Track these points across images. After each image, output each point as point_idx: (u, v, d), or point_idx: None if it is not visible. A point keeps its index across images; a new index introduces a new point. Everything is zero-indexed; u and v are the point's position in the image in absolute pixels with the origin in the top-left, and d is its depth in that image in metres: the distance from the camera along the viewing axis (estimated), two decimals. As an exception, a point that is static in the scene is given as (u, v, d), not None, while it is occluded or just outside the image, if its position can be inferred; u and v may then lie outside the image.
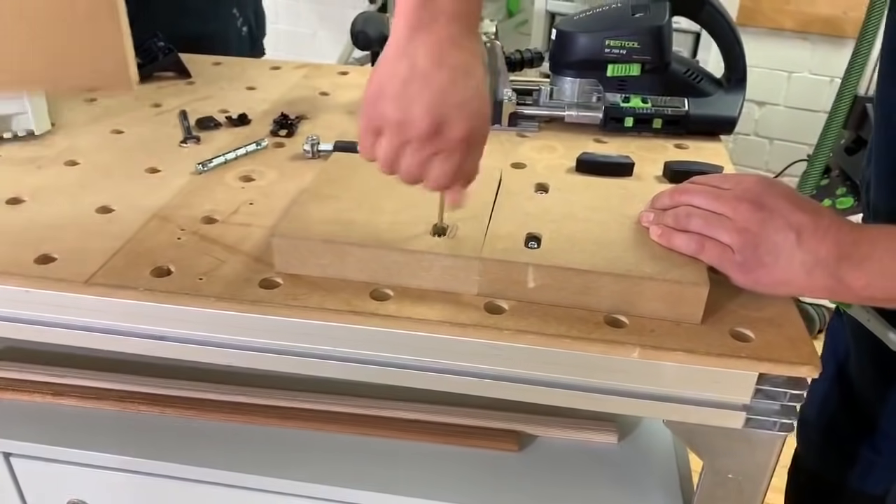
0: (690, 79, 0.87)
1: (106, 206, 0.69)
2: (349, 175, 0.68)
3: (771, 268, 0.54)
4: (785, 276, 0.54)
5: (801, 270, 0.53)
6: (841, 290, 0.53)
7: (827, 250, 0.53)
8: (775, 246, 0.54)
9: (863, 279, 0.52)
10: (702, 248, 0.56)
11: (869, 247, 0.52)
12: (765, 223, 0.54)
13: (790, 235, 0.54)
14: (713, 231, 0.56)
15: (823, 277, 0.53)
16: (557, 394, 0.56)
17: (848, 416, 0.88)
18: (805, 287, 0.54)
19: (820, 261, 0.53)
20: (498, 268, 0.56)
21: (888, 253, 0.51)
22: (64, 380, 0.74)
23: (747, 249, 0.55)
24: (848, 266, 0.52)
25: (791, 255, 0.53)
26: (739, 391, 0.54)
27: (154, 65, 0.99)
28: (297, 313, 0.56)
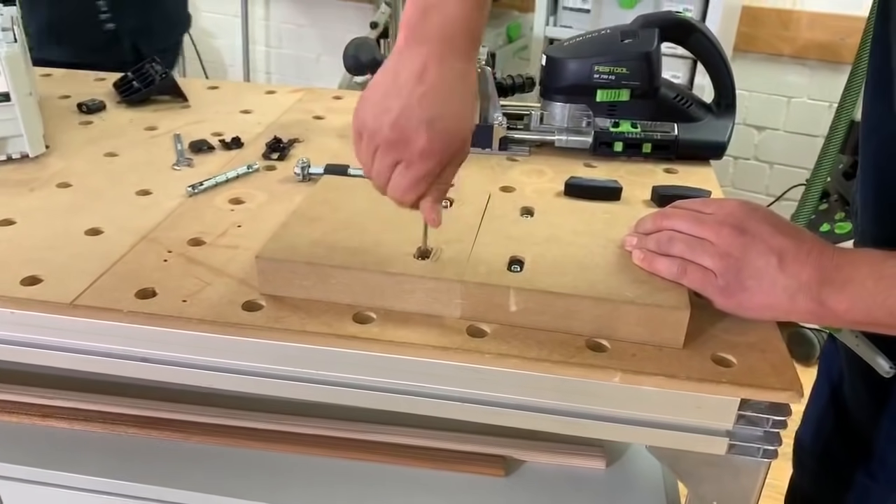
0: (680, 104, 0.87)
1: (95, 228, 0.70)
2: (338, 198, 0.69)
3: (753, 292, 0.54)
4: (767, 301, 0.54)
5: (783, 294, 0.53)
6: (824, 314, 0.53)
7: (809, 274, 0.53)
8: (757, 270, 0.54)
9: (845, 303, 0.52)
10: (684, 273, 0.57)
11: (851, 270, 0.52)
12: (747, 247, 0.54)
13: (772, 259, 0.54)
14: (695, 255, 0.56)
15: (806, 301, 0.53)
16: (539, 418, 0.56)
17: (843, 441, 0.87)
18: (788, 311, 0.54)
19: (802, 285, 0.53)
20: (480, 291, 0.56)
21: (870, 277, 0.51)
22: (51, 401, 0.74)
23: (729, 274, 0.55)
24: (830, 290, 0.52)
25: (773, 279, 0.53)
26: (721, 417, 0.53)
27: (150, 88, 1.01)
28: (278, 336, 0.56)
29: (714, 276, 0.55)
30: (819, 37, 2.29)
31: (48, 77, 1.11)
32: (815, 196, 0.88)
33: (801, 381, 0.52)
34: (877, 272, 0.51)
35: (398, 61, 0.54)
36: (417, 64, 0.53)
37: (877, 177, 0.72)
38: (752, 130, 2.49)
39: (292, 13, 3.03)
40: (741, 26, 2.31)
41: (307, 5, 2.98)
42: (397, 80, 0.53)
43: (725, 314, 0.57)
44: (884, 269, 0.51)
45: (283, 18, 3.06)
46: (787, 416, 0.53)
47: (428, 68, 0.53)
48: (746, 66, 2.38)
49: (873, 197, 0.74)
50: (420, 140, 0.53)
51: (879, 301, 0.51)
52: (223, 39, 3.16)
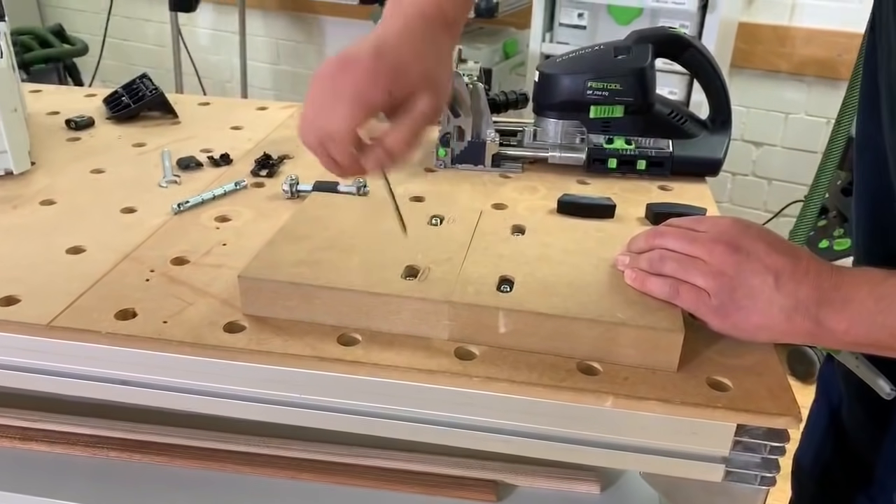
0: (674, 120, 0.86)
1: (77, 246, 0.68)
2: (325, 215, 0.67)
3: (748, 311, 0.53)
4: (763, 321, 0.52)
5: (780, 314, 0.52)
6: (822, 335, 0.51)
7: (806, 293, 0.51)
8: (752, 289, 0.52)
9: (844, 323, 0.50)
10: (676, 293, 0.55)
11: (850, 290, 0.51)
12: (741, 266, 0.53)
13: (768, 279, 0.52)
14: (688, 275, 0.55)
15: (804, 321, 0.51)
16: (529, 444, 0.54)
17: (842, 464, 0.85)
18: (785, 332, 0.52)
19: (800, 304, 0.51)
20: (468, 312, 0.55)
21: (871, 297, 0.50)
22: (32, 424, 0.72)
23: (724, 293, 0.53)
24: (829, 310, 0.50)
25: (769, 298, 0.52)
26: (717, 443, 0.52)
27: (140, 104, 1.00)
28: (259, 359, 0.54)
29: (708, 296, 0.54)
30: (816, 53, 2.29)
31: (37, 93, 1.11)
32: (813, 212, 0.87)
33: (799, 405, 0.51)
34: (877, 292, 0.50)
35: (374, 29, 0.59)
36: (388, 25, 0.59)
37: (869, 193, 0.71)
38: (751, 146, 2.49)
39: (290, 30, 3.04)
40: (738, 42, 2.31)
41: (305, 22, 2.99)
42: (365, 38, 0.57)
43: (721, 336, 0.56)
44: (884, 288, 0.50)
45: (280, 35, 3.07)
46: (786, 443, 0.51)
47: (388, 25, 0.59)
48: (744, 83, 2.38)
49: (866, 213, 0.73)
50: (364, 60, 0.56)
51: (880, 322, 0.49)
52: (221, 56, 3.17)
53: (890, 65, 0.61)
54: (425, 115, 0.59)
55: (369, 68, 0.56)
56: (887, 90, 0.63)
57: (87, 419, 0.72)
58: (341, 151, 0.57)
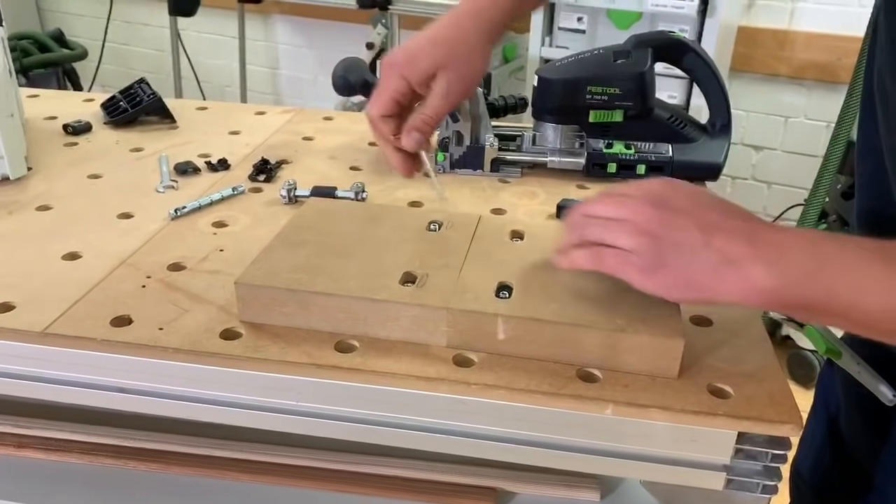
0: (674, 125, 0.86)
1: (73, 252, 0.68)
2: (323, 221, 0.67)
3: (675, 269, 0.49)
4: (691, 278, 0.49)
5: (708, 271, 0.48)
6: (752, 294, 0.47)
7: (738, 250, 0.48)
8: (679, 245, 0.49)
9: (777, 280, 0.47)
10: (600, 259, 0.52)
11: (786, 248, 0.47)
12: (667, 222, 0.50)
13: (696, 234, 0.49)
14: (611, 237, 0.51)
15: (733, 278, 0.48)
16: (528, 452, 0.54)
17: (841, 472, 0.84)
18: (714, 290, 0.49)
19: (730, 261, 0.48)
20: (466, 319, 0.54)
21: (806, 254, 0.47)
22: (27, 431, 0.72)
23: (649, 251, 0.50)
24: (761, 266, 0.47)
25: (697, 254, 0.48)
26: (718, 450, 0.51)
27: (137, 109, 0.99)
28: (255, 366, 0.54)
29: (632, 256, 0.50)
30: (816, 57, 2.29)
31: (35, 98, 1.10)
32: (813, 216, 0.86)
33: (800, 412, 0.50)
34: (814, 251, 0.47)
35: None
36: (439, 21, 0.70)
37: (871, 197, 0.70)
38: (750, 150, 2.49)
39: (289, 34, 3.04)
40: (737, 47, 2.31)
41: (304, 26, 2.99)
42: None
43: (722, 342, 0.55)
44: (823, 247, 0.47)
45: (280, 39, 3.07)
46: (787, 450, 0.51)
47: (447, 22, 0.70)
48: (743, 87, 2.37)
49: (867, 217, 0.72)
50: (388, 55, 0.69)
51: (815, 279, 0.46)
52: (220, 60, 3.17)
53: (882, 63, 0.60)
54: (439, 94, 0.69)
55: (388, 61, 0.67)
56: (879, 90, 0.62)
57: (82, 426, 0.71)
58: (375, 133, 0.70)
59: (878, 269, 0.46)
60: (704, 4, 1.93)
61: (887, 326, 0.47)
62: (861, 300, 0.46)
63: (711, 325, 0.59)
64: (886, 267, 0.46)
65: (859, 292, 0.46)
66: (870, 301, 0.46)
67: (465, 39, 0.70)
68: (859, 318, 0.47)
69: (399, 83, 0.67)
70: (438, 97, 0.69)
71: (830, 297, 0.46)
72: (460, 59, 0.69)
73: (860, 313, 0.46)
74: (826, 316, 0.48)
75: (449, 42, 0.69)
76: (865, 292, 0.46)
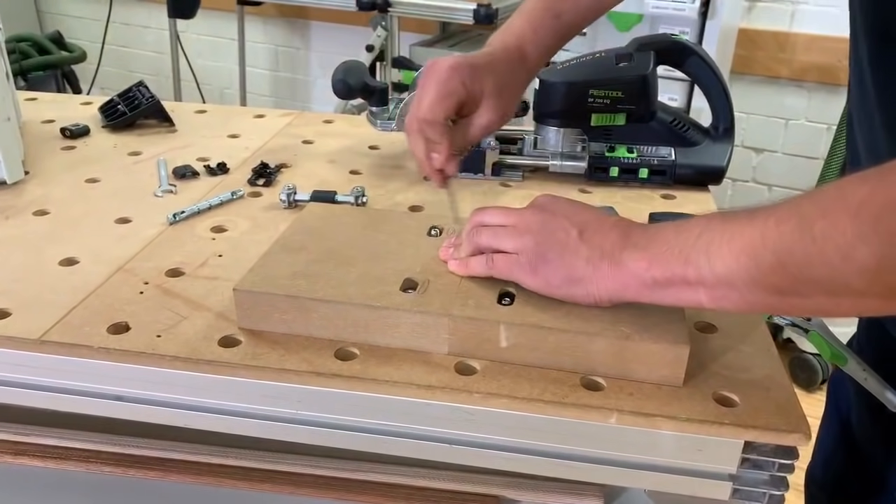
0: (677, 128, 0.85)
1: (70, 258, 0.67)
2: (323, 226, 0.66)
3: (556, 265, 0.53)
4: (571, 272, 0.53)
5: (586, 265, 0.52)
6: (626, 278, 0.50)
7: (612, 242, 0.51)
8: (558, 242, 0.53)
9: (644, 260, 0.49)
10: (492, 264, 0.56)
11: (655, 233, 0.50)
12: (546, 223, 0.55)
13: (572, 232, 0.53)
14: (500, 243, 0.56)
15: (608, 268, 0.51)
16: (531, 461, 0.53)
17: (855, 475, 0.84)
18: (593, 281, 0.52)
19: (605, 253, 0.51)
20: (468, 326, 0.54)
21: (671, 230, 0.49)
22: (25, 438, 0.71)
23: (531, 250, 0.54)
24: (632, 251, 0.50)
25: (576, 250, 0.52)
26: (725, 460, 0.50)
27: (136, 112, 0.98)
28: (255, 374, 0.53)
29: (518, 258, 0.55)
30: (816, 59, 2.28)
31: (33, 101, 1.10)
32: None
33: (807, 421, 0.49)
34: (678, 227, 0.49)
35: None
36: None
37: None
38: (751, 152, 2.48)
39: (289, 36, 3.03)
40: (738, 49, 2.30)
41: (304, 28, 2.99)
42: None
43: (727, 349, 0.54)
44: (685, 224, 0.49)
45: (279, 42, 3.06)
46: (795, 460, 0.50)
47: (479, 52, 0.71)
48: (744, 89, 2.37)
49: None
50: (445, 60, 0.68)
51: (676, 252, 0.47)
52: (220, 63, 3.16)
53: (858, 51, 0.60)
54: (483, 128, 0.70)
55: (450, 64, 0.67)
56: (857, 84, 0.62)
57: (80, 433, 0.70)
58: (436, 132, 0.66)
59: (729, 226, 0.46)
60: (705, 6, 1.92)
61: (741, 288, 0.46)
62: (712, 261, 0.46)
63: (716, 332, 0.58)
64: (734, 223, 0.46)
65: (709, 252, 0.46)
66: (718, 259, 0.46)
67: (515, 84, 0.72)
68: (714, 281, 0.46)
69: (461, 90, 0.67)
70: (480, 128, 0.71)
71: (687, 263, 0.47)
72: (506, 102, 0.71)
73: (713, 275, 0.46)
74: (690, 288, 0.48)
75: (504, 77, 0.70)
76: (713, 250, 0.46)
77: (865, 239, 0.39)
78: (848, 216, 0.39)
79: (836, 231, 0.40)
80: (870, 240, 0.39)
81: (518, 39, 0.73)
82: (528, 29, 0.73)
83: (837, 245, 0.40)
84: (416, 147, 0.68)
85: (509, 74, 0.72)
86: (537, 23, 0.74)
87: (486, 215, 0.59)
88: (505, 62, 0.71)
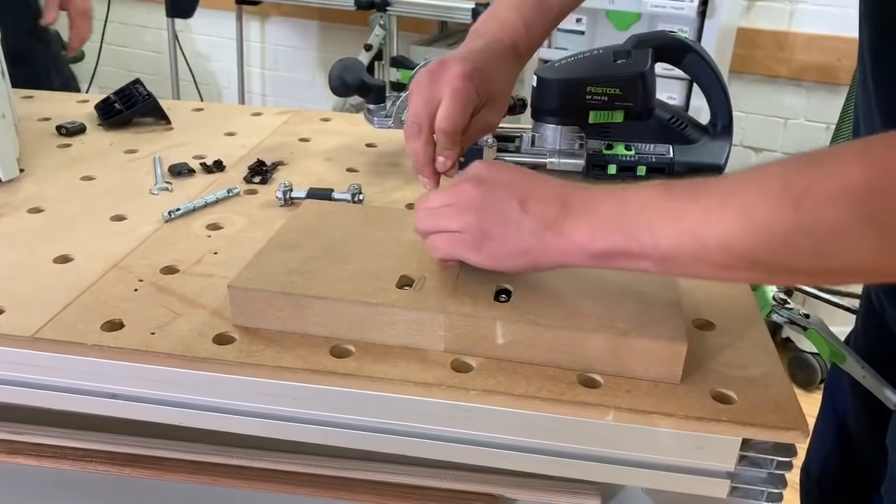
0: (675, 125, 0.85)
1: (65, 255, 0.67)
2: (318, 223, 0.66)
3: (501, 239, 0.52)
4: (517, 245, 0.52)
5: (530, 237, 0.51)
6: (572, 250, 0.50)
7: (554, 212, 0.51)
8: (500, 216, 0.52)
9: (587, 232, 0.49)
10: (434, 247, 0.55)
11: (594, 202, 0.50)
12: (485, 197, 0.53)
13: (513, 203, 0.51)
14: (439, 224, 0.55)
15: (554, 239, 0.50)
16: (528, 459, 0.53)
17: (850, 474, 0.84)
18: (539, 253, 0.51)
19: (548, 223, 0.50)
20: (464, 323, 0.53)
21: (611, 203, 0.49)
22: (19, 437, 0.71)
23: (474, 227, 0.53)
24: (574, 222, 0.50)
25: (518, 222, 0.51)
26: (722, 458, 0.50)
27: (132, 110, 0.98)
28: (249, 371, 0.53)
29: (462, 236, 0.53)
30: (815, 58, 2.28)
31: (29, 99, 1.09)
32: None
33: (806, 418, 0.49)
34: (618, 198, 0.49)
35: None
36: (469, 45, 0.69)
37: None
38: (750, 152, 2.48)
39: (287, 35, 3.03)
40: (737, 48, 2.30)
41: (302, 28, 2.98)
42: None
43: (725, 346, 0.54)
44: (625, 195, 0.49)
45: (278, 41, 3.06)
46: (793, 457, 0.50)
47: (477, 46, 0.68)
48: (743, 88, 2.37)
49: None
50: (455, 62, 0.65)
51: (617, 225, 0.48)
52: (218, 62, 3.16)
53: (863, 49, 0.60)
54: (486, 129, 0.70)
55: (462, 72, 0.63)
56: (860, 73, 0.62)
57: (75, 432, 0.70)
58: (450, 141, 0.64)
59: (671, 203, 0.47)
60: (704, 5, 1.92)
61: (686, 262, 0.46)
62: (655, 237, 0.46)
63: (714, 329, 0.58)
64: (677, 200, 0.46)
65: (652, 229, 0.46)
66: (662, 236, 0.46)
67: (511, 80, 0.71)
68: (658, 256, 0.47)
69: (476, 99, 0.65)
70: (483, 130, 0.70)
71: (630, 238, 0.47)
72: (505, 93, 0.71)
73: (657, 251, 0.46)
74: (634, 259, 0.48)
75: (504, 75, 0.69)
76: (657, 228, 0.46)
77: (805, 230, 0.41)
78: (789, 207, 0.41)
79: (779, 220, 0.41)
80: (809, 230, 0.41)
81: (512, 37, 0.71)
82: (521, 25, 0.72)
83: (779, 234, 0.41)
84: (417, 150, 0.66)
85: (508, 74, 0.71)
86: (529, 17, 0.72)
87: (428, 199, 0.58)
88: (503, 60, 0.70)
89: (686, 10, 1.91)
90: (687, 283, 0.64)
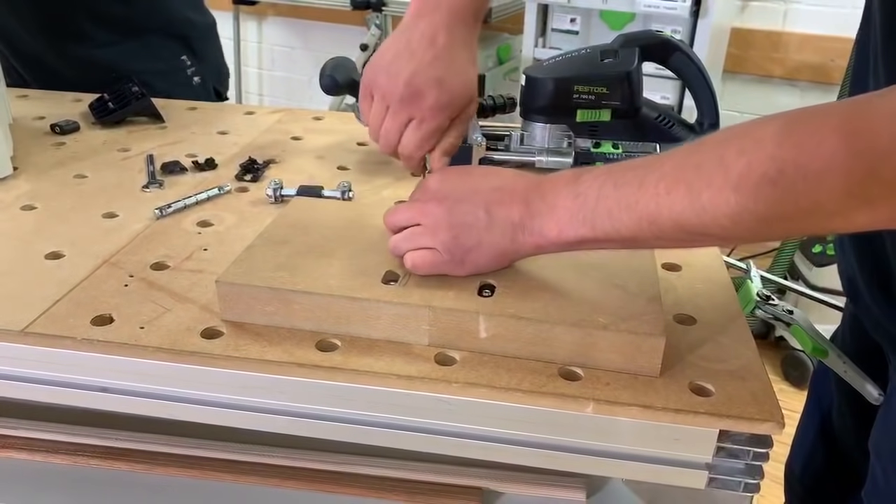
0: (662, 124, 0.86)
1: (56, 251, 0.68)
2: (307, 220, 0.66)
3: (478, 250, 0.55)
4: (493, 251, 0.55)
5: (504, 239, 0.54)
6: (542, 243, 0.53)
7: (519, 212, 0.54)
8: (470, 228, 0.55)
9: (555, 228, 0.52)
10: (415, 266, 0.57)
11: (553, 196, 0.53)
12: (451, 212, 0.55)
13: (479, 214, 0.55)
14: (415, 243, 0.57)
15: (527, 237, 0.54)
16: (510, 450, 0.54)
17: (833, 469, 0.84)
18: (515, 251, 0.55)
19: (517, 224, 0.54)
20: (448, 317, 0.54)
21: (570, 196, 0.52)
22: (10, 431, 0.71)
23: (449, 244, 0.55)
24: (542, 219, 0.53)
25: (489, 229, 0.54)
26: (700, 449, 0.51)
27: (126, 109, 0.99)
28: (236, 365, 0.54)
29: (441, 254, 0.56)
30: (809, 58, 2.29)
31: (24, 98, 1.10)
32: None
33: (782, 410, 0.50)
34: (573, 191, 0.52)
35: (409, 29, 0.64)
36: (428, 31, 0.63)
37: None
38: (744, 151, 2.48)
39: (284, 36, 3.04)
40: (731, 48, 2.31)
41: (299, 28, 2.99)
42: (409, 45, 0.63)
43: (704, 340, 0.55)
44: (578, 187, 0.51)
45: (275, 41, 3.07)
46: (769, 448, 0.50)
47: (438, 34, 0.63)
48: (737, 88, 2.38)
49: None
50: (431, 96, 0.63)
51: (580, 218, 0.51)
52: (215, 62, 3.16)
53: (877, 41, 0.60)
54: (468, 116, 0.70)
55: (438, 101, 0.64)
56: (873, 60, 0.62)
57: (67, 426, 0.71)
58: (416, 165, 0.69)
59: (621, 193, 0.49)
60: (696, 5, 1.93)
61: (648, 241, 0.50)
62: (616, 226, 0.49)
63: (695, 324, 0.59)
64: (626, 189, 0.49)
65: (612, 219, 0.50)
66: (622, 225, 0.49)
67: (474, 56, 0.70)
68: (622, 239, 0.50)
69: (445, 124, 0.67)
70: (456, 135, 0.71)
71: (594, 229, 0.50)
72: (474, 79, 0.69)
73: (620, 235, 0.50)
74: (601, 244, 0.52)
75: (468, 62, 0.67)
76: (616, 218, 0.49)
77: (748, 208, 0.44)
78: (730, 189, 0.44)
79: (722, 201, 0.44)
80: (751, 208, 0.44)
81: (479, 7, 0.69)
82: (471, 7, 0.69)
83: (725, 213, 0.45)
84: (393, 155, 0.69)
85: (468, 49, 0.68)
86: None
87: (394, 216, 0.60)
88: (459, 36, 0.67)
89: (679, 10, 1.92)
90: (670, 279, 0.65)
